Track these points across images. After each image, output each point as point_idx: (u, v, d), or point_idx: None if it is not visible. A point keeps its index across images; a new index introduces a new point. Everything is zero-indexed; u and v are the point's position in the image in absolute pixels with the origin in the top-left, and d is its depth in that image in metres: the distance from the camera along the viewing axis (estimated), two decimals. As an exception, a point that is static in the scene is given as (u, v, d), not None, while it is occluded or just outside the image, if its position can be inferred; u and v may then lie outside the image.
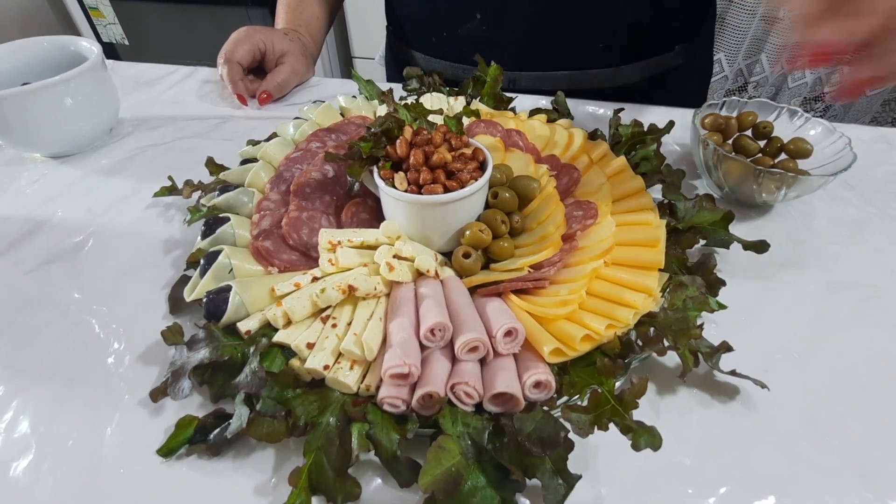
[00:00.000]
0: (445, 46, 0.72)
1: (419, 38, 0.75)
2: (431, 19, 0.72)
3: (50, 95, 0.56)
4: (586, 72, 0.70)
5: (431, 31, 0.73)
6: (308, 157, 0.50)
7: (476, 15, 0.67)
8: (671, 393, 0.36)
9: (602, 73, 0.70)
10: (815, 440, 0.34)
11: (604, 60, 0.69)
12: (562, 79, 0.70)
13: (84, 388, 0.37)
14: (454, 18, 0.69)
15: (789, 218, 0.52)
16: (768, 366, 0.38)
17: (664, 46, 0.71)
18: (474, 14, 0.67)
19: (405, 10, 0.76)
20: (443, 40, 0.72)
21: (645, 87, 0.72)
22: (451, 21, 0.69)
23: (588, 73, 0.70)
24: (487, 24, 0.67)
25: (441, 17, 0.70)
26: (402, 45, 0.79)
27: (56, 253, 0.48)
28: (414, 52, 0.77)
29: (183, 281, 0.42)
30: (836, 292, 0.44)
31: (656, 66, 0.72)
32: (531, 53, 0.68)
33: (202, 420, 0.33)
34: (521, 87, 0.71)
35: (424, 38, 0.74)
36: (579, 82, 0.70)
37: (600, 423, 0.29)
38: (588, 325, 0.34)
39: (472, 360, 0.33)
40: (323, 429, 0.31)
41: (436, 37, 0.72)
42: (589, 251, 0.41)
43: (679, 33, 0.72)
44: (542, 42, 0.67)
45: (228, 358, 0.33)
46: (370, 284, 0.36)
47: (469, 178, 0.40)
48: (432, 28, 0.72)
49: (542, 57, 0.69)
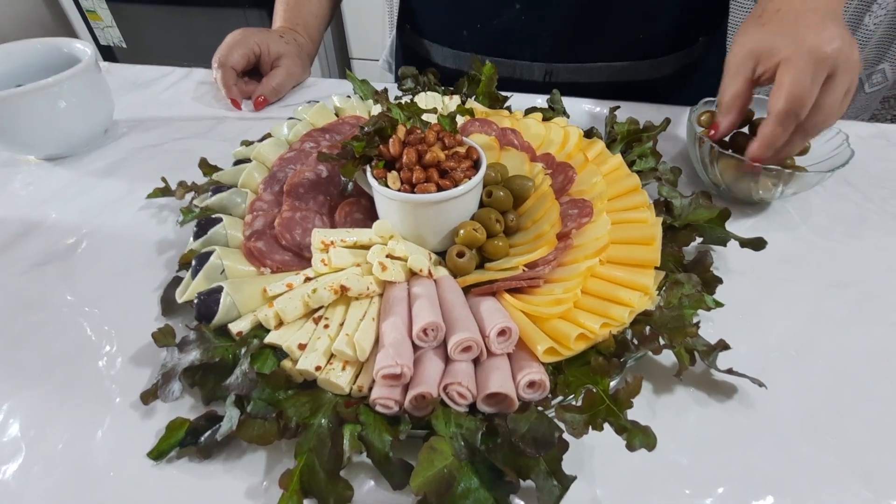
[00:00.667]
0: (478, 39, 0.70)
1: (446, 32, 0.73)
2: (463, 12, 0.69)
3: (43, 97, 0.56)
4: (623, 64, 0.68)
5: (463, 24, 0.70)
6: (302, 157, 0.50)
7: (515, 4, 0.64)
8: (668, 392, 0.36)
9: (639, 66, 0.69)
10: (814, 439, 0.33)
11: (642, 51, 0.68)
12: (599, 71, 0.69)
13: (76, 390, 0.36)
14: (490, 9, 0.66)
15: (787, 215, 0.52)
16: (766, 364, 0.38)
17: (691, 39, 0.70)
18: (513, 3, 0.64)
19: (431, 4, 0.73)
20: (475, 33, 0.69)
21: (670, 83, 0.72)
22: (486, 12, 0.67)
23: (624, 65, 0.68)
24: (527, 13, 0.65)
25: (475, 9, 0.68)
26: (422, 40, 0.76)
27: (50, 254, 0.48)
28: (438, 46, 0.74)
29: (175, 282, 0.42)
30: (834, 289, 0.43)
31: (684, 60, 0.71)
32: (570, 44, 0.67)
33: (193, 422, 0.33)
34: (557, 80, 0.70)
35: (453, 31, 0.72)
36: (615, 75, 0.69)
37: (595, 423, 0.29)
38: (583, 324, 0.34)
39: (466, 360, 0.33)
40: (315, 430, 0.30)
41: (467, 30, 0.70)
42: (584, 249, 0.40)
43: (704, 25, 0.71)
44: (583, 31, 0.65)
45: (220, 359, 0.33)
46: (363, 284, 0.36)
47: (463, 177, 0.40)
48: (464, 21, 0.69)
49: (581, 48, 0.67)
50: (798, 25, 0.42)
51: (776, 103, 0.41)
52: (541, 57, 0.64)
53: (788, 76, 0.41)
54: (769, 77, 0.44)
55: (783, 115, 0.41)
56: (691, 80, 0.75)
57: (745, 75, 0.45)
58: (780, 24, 0.43)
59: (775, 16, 0.44)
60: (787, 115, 0.41)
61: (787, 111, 0.41)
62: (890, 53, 1.50)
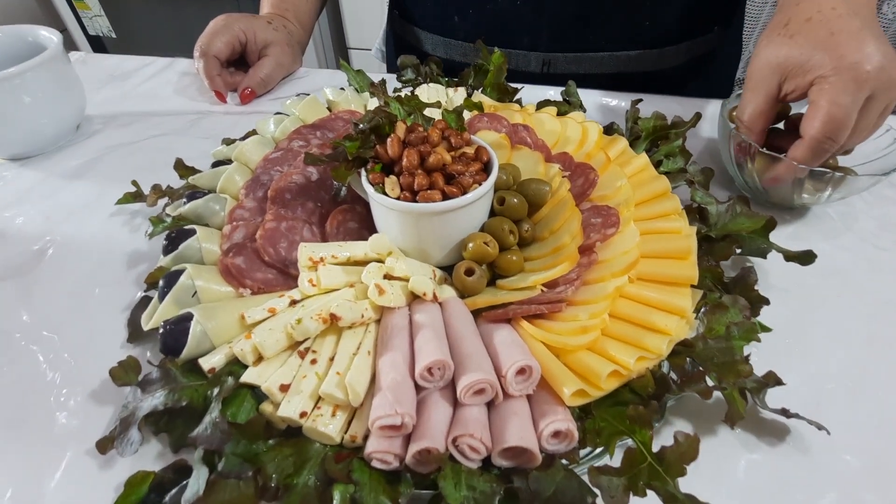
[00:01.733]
0: (469, 26, 0.65)
1: (437, 18, 0.68)
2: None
3: (5, 90, 0.50)
4: (628, 53, 0.63)
5: (455, 9, 0.65)
6: (289, 157, 0.45)
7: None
8: (710, 434, 0.31)
9: (646, 55, 0.63)
10: (879, 486, 0.29)
11: (648, 39, 0.62)
12: (602, 61, 0.63)
13: (24, 434, 0.32)
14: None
15: (829, 221, 0.47)
16: (820, 399, 0.33)
17: (705, 27, 0.65)
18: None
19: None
20: (468, 19, 0.64)
21: (683, 73, 0.66)
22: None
23: (631, 54, 0.63)
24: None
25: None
26: (412, 27, 0.71)
27: (8, 268, 0.43)
28: (427, 34, 0.69)
29: (144, 303, 0.36)
30: (888, 307, 0.39)
31: (697, 49, 0.65)
32: (570, 31, 0.61)
33: (158, 475, 0.28)
34: (556, 71, 0.65)
35: (443, 17, 0.67)
36: (621, 65, 0.63)
37: (636, 488, 0.24)
38: (615, 359, 0.29)
39: (478, 405, 0.28)
40: (299, 491, 0.25)
41: (459, 15, 0.65)
42: (610, 265, 0.35)
43: (718, 12, 0.65)
44: (583, 18, 0.60)
45: (187, 403, 0.28)
46: (356, 312, 0.31)
47: (471, 183, 0.34)
48: (456, 6, 0.64)
49: (582, 35, 0.62)
50: (834, 39, 0.38)
51: (811, 126, 0.38)
52: (538, 46, 0.58)
53: (826, 98, 0.37)
54: (799, 95, 0.40)
55: (818, 142, 0.38)
56: (706, 72, 0.69)
57: (769, 91, 0.41)
58: (811, 36, 0.39)
59: (805, 25, 0.40)
60: (823, 140, 0.38)
61: (824, 137, 0.37)
62: (910, 42, 1.44)
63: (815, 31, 0.39)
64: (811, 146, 0.38)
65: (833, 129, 0.37)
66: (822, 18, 0.39)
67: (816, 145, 0.38)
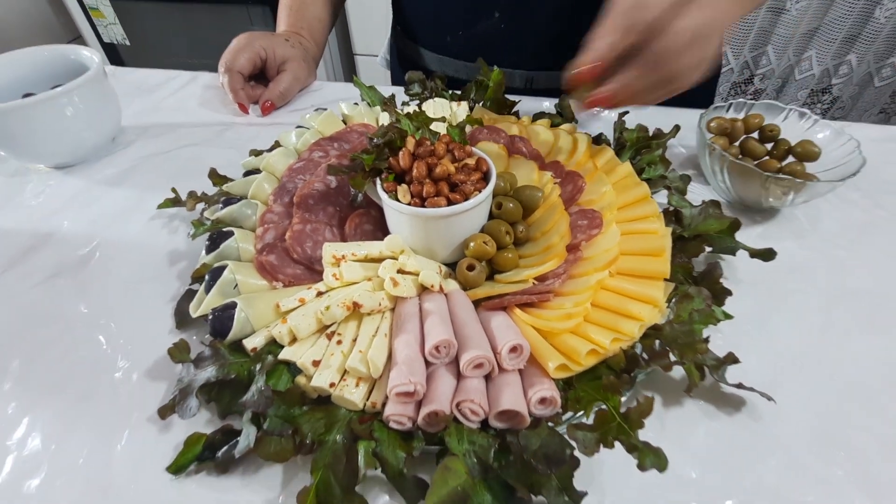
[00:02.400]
0: (460, 45, 0.71)
1: (432, 36, 0.73)
2: (446, 17, 0.70)
3: (52, 107, 0.56)
4: None
5: (446, 29, 0.71)
6: (311, 167, 0.50)
7: (494, 13, 0.65)
8: (677, 405, 0.36)
9: None
10: (823, 452, 0.34)
11: None
12: None
13: (93, 404, 0.37)
14: (470, 17, 0.67)
15: (796, 222, 0.52)
16: (775, 376, 0.38)
17: None
18: (492, 12, 0.65)
19: (417, 9, 0.74)
20: (457, 39, 0.70)
21: None
22: (467, 19, 0.67)
23: None
24: (506, 21, 0.65)
25: (457, 16, 0.68)
26: (412, 43, 0.77)
27: (62, 266, 0.48)
28: (424, 50, 0.75)
29: (188, 295, 0.42)
30: (843, 300, 0.43)
31: None
32: (550, 51, 0.67)
33: (210, 437, 0.33)
34: (538, 87, 0.70)
35: (438, 36, 0.72)
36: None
37: (606, 441, 0.29)
38: (593, 339, 0.34)
39: (478, 377, 0.33)
40: (330, 447, 0.31)
41: (451, 35, 0.71)
42: (594, 262, 0.41)
43: None
44: (563, 39, 0.64)
45: (235, 376, 0.34)
46: (375, 300, 0.36)
47: (472, 190, 0.40)
48: (447, 26, 0.70)
49: (561, 55, 0.67)
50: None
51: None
52: (521, 64, 0.63)
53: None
54: None
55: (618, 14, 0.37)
56: None
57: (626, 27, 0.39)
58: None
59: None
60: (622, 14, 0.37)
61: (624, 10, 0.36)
62: (900, 47, 1.48)
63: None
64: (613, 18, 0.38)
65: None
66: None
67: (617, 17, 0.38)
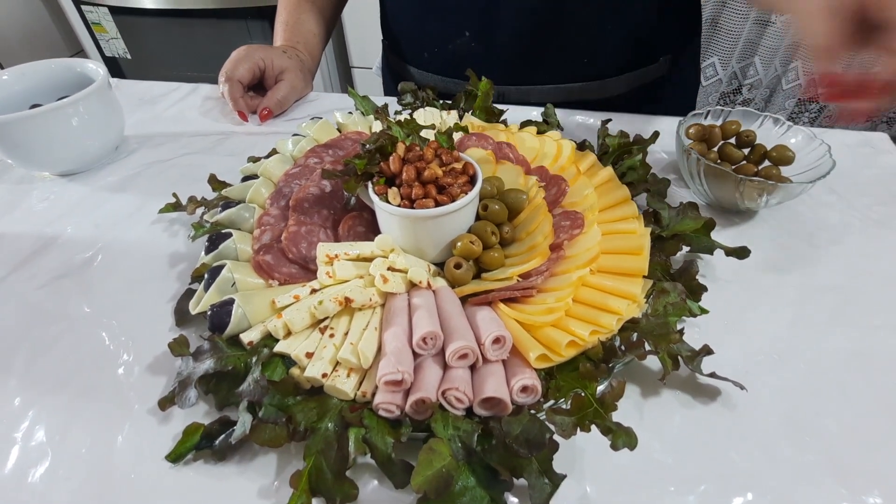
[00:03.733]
0: (437, 62, 0.76)
1: (413, 53, 0.78)
2: (423, 36, 0.75)
3: (58, 117, 0.58)
4: (571, 85, 0.72)
5: (423, 47, 0.76)
6: (306, 172, 0.52)
7: (465, 32, 0.70)
8: (655, 395, 0.38)
9: (588, 86, 0.72)
10: (793, 438, 0.35)
11: (588, 74, 0.71)
12: (549, 92, 0.73)
13: (96, 398, 0.39)
14: (444, 36, 0.72)
15: (773, 223, 0.54)
16: (748, 368, 0.40)
17: (647, 59, 0.73)
18: (463, 32, 0.70)
19: (399, 28, 0.79)
20: (434, 56, 0.75)
21: (632, 98, 0.74)
22: (441, 38, 0.72)
23: (573, 86, 0.72)
24: (475, 41, 0.70)
25: (432, 35, 0.73)
26: (397, 58, 0.82)
27: (67, 268, 0.50)
28: (408, 66, 0.80)
29: (188, 294, 0.44)
30: (815, 295, 0.45)
31: (641, 78, 0.74)
32: (518, 69, 0.71)
33: (208, 427, 0.35)
34: (509, 101, 0.73)
35: (417, 53, 0.77)
36: (566, 95, 0.73)
37: (583, 425, 0.31)
38: (573, 332, 0.36)
39: (463, 367, 0.35)
40: (322, 434, 0.33)
41: (428, 52, 0.76)
42: (576, 260, 0.42)
43: (662, 47, 0.74)
44: (527, 58, 0.70)
45: (232, 368, 0.35)
46: (366, 296, 0.38)
47: (459, 192, 0.42)
48: (424, 44, 0.75)
49: (529, 72, 0.72)
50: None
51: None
52: (492, 80, 0.67)
53: None
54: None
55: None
56: (659, 96, 0.77)
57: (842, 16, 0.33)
58: None
59: None
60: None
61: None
62: (883, 57, 1.52)
63: None
64: None
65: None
66: None
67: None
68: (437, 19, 0.71)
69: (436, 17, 0.71)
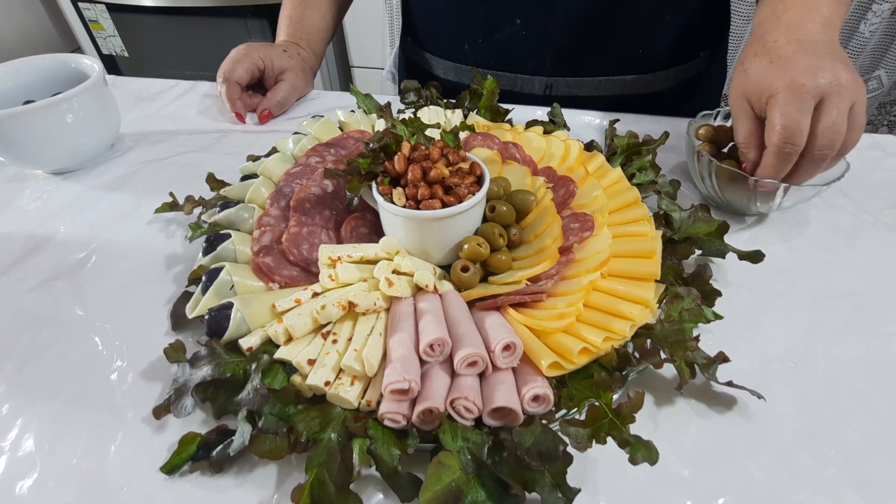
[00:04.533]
0: (479, 54, 0.71)
1: (448, 46, 0.74)
2: (464, 26, 0.70)
3: (52, 113, 0.56)
4: (623, 77, 0.70)
5: (464, 38, 0.71)
6: (307, 172, 0.51)
7: (516, 20, 0.66)
8: (669, 404, 0.37)
9: (639, 80, 0.70)
10: (812, 449, 0.34)
11: (641, 66, 0.69)
12: (599, 85, 0.70)
13: (88, 405, 0.37)
14: (491, 25, 0.68)
15: (784, 226, 0.53)
16: (765, 376, 0.38)
17: (692, 53, 0.72)
18: (514, 19, 0.66)
19: (432, 18, 0.75)
20: (477, 47, 0.71)
21: (673, 94, 0.73)
22: (487, 28, 0.68)
23: (625, 78, 0.70)
24: (527, 28, 0.66)
25: (477, 24, 0.69)
26: (423, 53, 0.78)
27: (59, 269, 0.49)
28: (439, 59, 0.76)
29: (185, 297, 0.42)
30: (830, 301, 0.44)
31: (685, 73, 0.73)
32: (570, 58, 0.68)
33: (205, 436, 0.33)
34: (557, 93, 0.71)
35: (455, 46, 0.73)
36: (616, 88, 0.71)
37: (598, 437, 0.29)
38: (585, 338, 0.35)
39: (472, 375, 0.33)
40: (324, 445, 0.31)
41: (469, 44, 0.71)
42: (586, 263, 0.41)
43: (705, 40, 0.73)
44: (581, 47, 0.67)
45: (230, 375, 0.34)
46: (370, 300, 0.36)
47: (466, 193, 0.40)
48: (465, 35, 0.71)
49: (581, 62, 0.69)
50: (773, 66, 0.45)
51: (769, 137, 0.44)
52: (542, 71, 0.65)
53: (774, 111, 0.43)
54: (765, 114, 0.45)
55: (778, 148, 0.43)
56: (695, 92, 0.76)
57: (747, 115, 0.47)
58: (759, 68, 0.46)
59: (754, 60, 0.47)
60: (781, 146, 0.43)
61: (781, 142, 0.43)
62: (885, 60, 1.52)
63: (760, 63, 0.46)
64: (774, 153, 0.44)
65: (787, 135, 0.42)
66: (765, 52, 0.46)
67: (778, 151, 0.43)
68: (484, 5, 0.67)
69: (482, 3, 0.66)
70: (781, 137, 0.43)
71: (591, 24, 0.65)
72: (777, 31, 0.47)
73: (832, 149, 0.43)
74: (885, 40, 1.50)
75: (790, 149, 0.43)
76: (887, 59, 1.51)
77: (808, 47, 0.45)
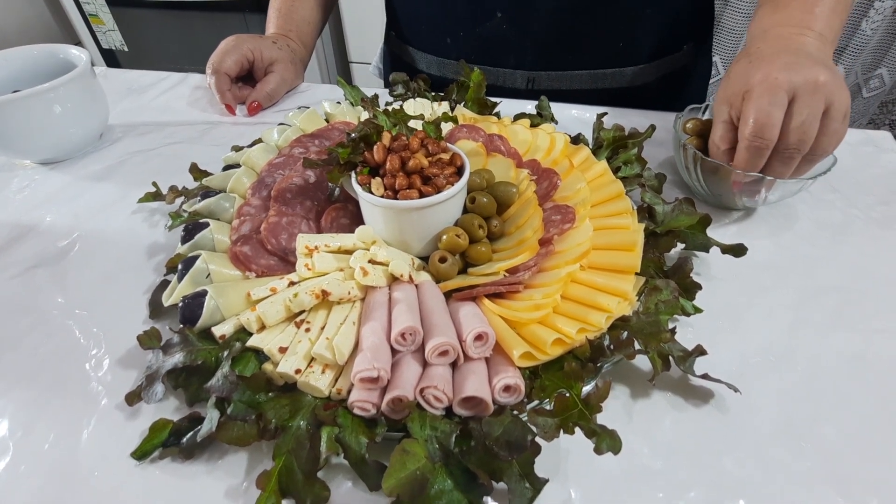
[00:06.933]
0: (461, 47, 0.71)
1: (430, 40, 0.74)
2: (446, 20, 0.70)
3: (39, 102, 0.56)
4: (605, 71, 0.70)
5: (446, 32, 0.71)
6: (290, 162, 0.51)
7: (496, 13, 0.66)
8: (645, 397, 0.36)
9: (620, 73, 0.70)
10: (788, 444, 0.34)
11: (622, 60, 0.69)
12: (581, 78, 0.70)
13: (63, 392, 0.37)
14: (473, 18, 0.67)
15: (772, 221, 0.52)
16: (744, 370, 0.38)
17: (675, 46, 0.72)
18: (495, 12, 0.66)
19: (414, 12, 0.74)
20: (458, 41, 0.71)
21: (657, 89, 0.73)
22: (469, 21, 0.68)
23: (607, 72, 0.70)
24: (508, 22, 0.66)
25: (458, 18, 0.69)
26: (407, 47, 0.78)
27: (42, 258, 0.49)
28: (421, 53, 0.76)
29: (163, 285, 0.42)
30: (815, 296, 0.44)
31: (668, 67, 0.72)
32: (552, 52, 0.68)
33: (176, 423, 0.33)
34: (539, 87, 0.71)
35: (437, 39, 0.73)
36: (598, 82, 0.70)
37: (566, 427, 0.29)
38: (560, 329, 0.35)
39: (443, 365, 0.33)
40: (293, 432, 0.31)
41: (451, 37, 0.71)
42: (565, 255, 0.41)
43: (688, 33, 0.72)
44: (563, 41, 0.66)
45: (202, 362, 0.34)
46: (343, 289, 0.36)
47: (445, 184, 0.40)
48: (447, 29, 0.71)
49: (563, 56, 0.68)
50: (752, 65, 0.45)
51: (742, 131, 0.44)
52: (524, 65, 0.64)
53: (748, 105, 0.43)
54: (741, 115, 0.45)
55: (748, 142, 0.43)
56: (680, 85, 0.75)
57: (723, 119, 0.47)
58: (738, 72, 0.47)
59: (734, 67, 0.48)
60: (752, 139, 0.43)
61: (752, 136, 0.43)
62: (887, 58, 1.50)
63: (739, 66, 0.47)
64: (745, 147, 0.44)
65: (757, 129, 0.42)
66: (746, 56, 0.47)
67: (748, 145, 0.43)
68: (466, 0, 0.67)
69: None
70: (752, 131, 0.43)
71: (572, 18, 0.64)
72: (764, 42, 0.48)
73: (799, 150, 0.43)
74: (887, 38, 1.48)
75: (760, 143, 0.43)
76: (889, 57, 1.50)
77: (793, 51, 0.45)
